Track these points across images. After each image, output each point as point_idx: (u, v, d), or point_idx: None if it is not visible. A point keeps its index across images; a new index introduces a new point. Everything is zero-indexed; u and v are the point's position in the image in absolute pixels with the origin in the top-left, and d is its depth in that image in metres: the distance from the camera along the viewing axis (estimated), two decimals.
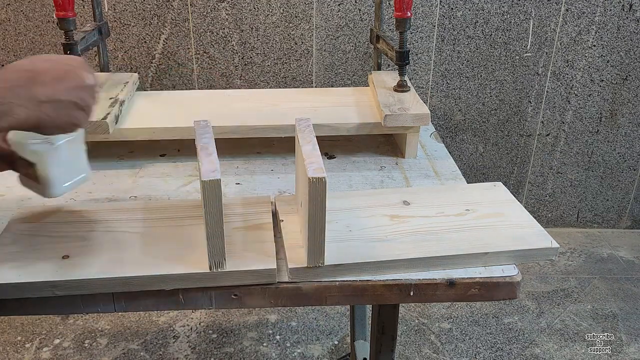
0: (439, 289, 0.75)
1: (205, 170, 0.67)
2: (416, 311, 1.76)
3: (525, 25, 1.83)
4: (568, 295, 1.84)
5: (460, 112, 1.95)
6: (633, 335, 1.67)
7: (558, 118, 1.98)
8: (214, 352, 1.59)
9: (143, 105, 1.13)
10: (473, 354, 1.61)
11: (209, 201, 0.66)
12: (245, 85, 1.86)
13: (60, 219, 0.82)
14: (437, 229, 0.81)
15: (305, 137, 0.76)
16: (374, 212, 0.85)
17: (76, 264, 0.72)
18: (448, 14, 1.81)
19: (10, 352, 1.57)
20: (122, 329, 1.67)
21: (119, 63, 1.81)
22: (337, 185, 0.99)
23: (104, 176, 1.01)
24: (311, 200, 0.68)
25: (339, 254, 0.75)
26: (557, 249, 0.79)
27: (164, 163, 1.06)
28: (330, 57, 1.84)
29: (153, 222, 0.81)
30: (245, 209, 0.84)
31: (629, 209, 2.15)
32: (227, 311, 1.73)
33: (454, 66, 1.88)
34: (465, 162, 2.03)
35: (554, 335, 1.67)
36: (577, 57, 1.89)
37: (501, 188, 0.93)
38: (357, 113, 1.10)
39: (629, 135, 2.01)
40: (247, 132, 1.05)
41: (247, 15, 1.76)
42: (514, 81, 1.91)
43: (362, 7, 1.78)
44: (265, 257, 0.73)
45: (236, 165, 1.05)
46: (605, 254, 2.04)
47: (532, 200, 2.13)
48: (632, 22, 1.84)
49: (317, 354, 1.59)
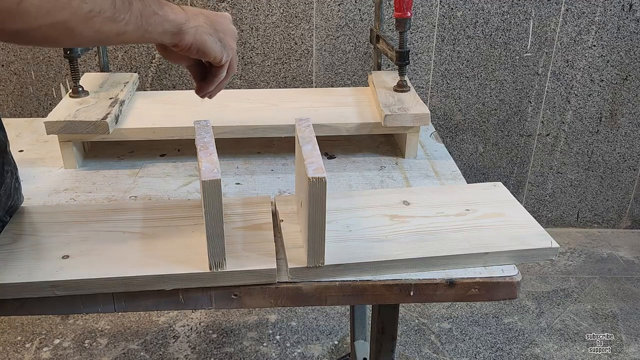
0: (439, 289, 0.75)
1: (205, 170, 0.67)
2: (416, 311, 1.76)
3: (525, 25, 1.83)
4: (568, 295, 1.84)
5: (460, 112, 1.95)
6: (633, 335, 1.67)
7: (558, 118, 1.98)
8: (214, 352, 1.59)
9: (143, 105, 1.13)
10: (473, 354, 1.61)
11: (209, 201, 0.66)
12: (245, 85, 1.86)
13: (60, 219, 0.82)
14: (437, 229, 0.81)
15: (305, 137, 0.76)
16: (374, 212, 0.85)
17: (76, 264, 0.72)
18: (448, 14, 1.81)
19: (10, 352, 1.57)
20: (122, 329, 1.67)
21: (119, 63, 1.81)
22: (337, 185, 0.99)
23: (104, 176, 1.01)
24: (311, 200, 0.68)
25: (339, 254, 0.75)
26: (557, 249, 0.79)
27: (164, 163, 1.06)
28: (330, 57, 1.84)
29: (153, 222, 0.81)
30: (245, 209, 0.84)
31: (629, 209, 2.15)
32: (227, 311, 1.73)
33: (454, 66, 1.88)
34: (465, 162, 2.03)
35: (554, 335, 1.67)
36: (577, 57, 1.89)
37: (501, 188, 0.93)
38: (357, 113, 1.10)
39: (629, 135, 2.01)
40: (247, 132, 1.05)
41: (247, 15, 1.76)
42: (514, 81, 1.91)
43: (362, 7, 1.78)
44: (265, 257, 0.73)
45: (236, 165, 1.05)
46: (605, 254, 2.04)
47: (532, 200, 2.13)
48: (632, 22, 1.84)
49: (317, 354, 1.59)
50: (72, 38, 0.57)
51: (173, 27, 0.66)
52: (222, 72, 0.77)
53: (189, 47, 0.69)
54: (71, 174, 1.01)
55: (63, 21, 0.54)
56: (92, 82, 1.16)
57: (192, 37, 0.69)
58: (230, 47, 0.75)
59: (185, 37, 0.68)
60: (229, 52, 0.75)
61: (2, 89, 1.83)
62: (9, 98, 1.85)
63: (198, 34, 0.69)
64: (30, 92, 1.84)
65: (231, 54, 0.76)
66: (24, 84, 1.83)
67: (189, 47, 0.69)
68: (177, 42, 0.68)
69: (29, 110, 1.87)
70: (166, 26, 0.65)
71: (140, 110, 1.11)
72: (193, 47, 0.70)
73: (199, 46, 0.70)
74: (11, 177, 0.80)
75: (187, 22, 0.68)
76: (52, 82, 1.83)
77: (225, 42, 0.74)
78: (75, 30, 0.56)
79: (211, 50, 0.71)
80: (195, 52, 0.71)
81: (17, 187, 0.83)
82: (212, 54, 0.72)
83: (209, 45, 0.71)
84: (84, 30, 0.57)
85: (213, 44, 0.71)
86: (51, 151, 1.08)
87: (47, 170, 1.02)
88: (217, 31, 0.72)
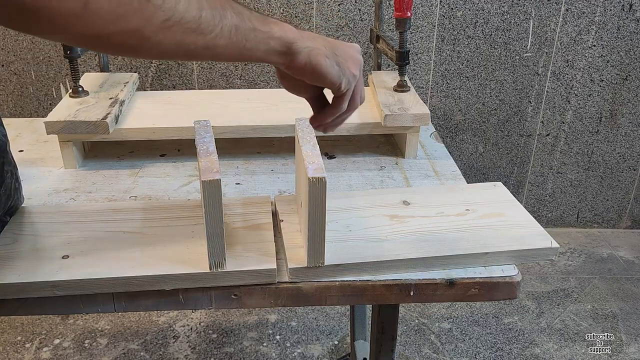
0: (439, 289, 0.75)
1: (205, 170, 0.67)
2: (416, 311, 1.76)
3: (525, 25, 1.83)
4: (568, 295, 1.84)
5: (460, 112, 1.95)
6: (633, 335, 1.67)
7: (558, 118, 1.98)
8: (214, 352, 1.59)
9: (143, 105, 1.13)
10: (473, 354, 1.61)
11: (209, 201, 0.66)
12: (245, 85, 1.86)
13: (60, 219, 0.82)
14: (437, 229, 0.81)
15: (305, 137, 0.76)
16: (374, 212, 0.85)
17: (76, 264, 0.72)
18: (448, 14, 1.81)
19: (10, 352, 1.57)
20: (122, 329, 1.67)
21: (119, 63, 1.81)
22: (337, 185, 0.99)
23: (104, 176, 1.01)
24: (311, 200, 0.68)
25: (339, 254, 0.75)
26: (557, 249, 0.79)
27: (164, 163, 1.06)
28: None
29: (153, 222, 0.81)
30: (245, 209, 0.84)
31: (629, 209, 2.15)
32: (227, 311, 1.73)
33: (454, 66, 1.88)
34: (465, 162, 2.03)
35: (554, 335, 1.67)
36: (577, 57, 1.89)
37: (501, 188, 0.93)
38: (357, 113, 1.09)
39: (629, 135, 2.01)
40: (247, 132, 1.05)
41: None
42: (514, 81, 1.91)
43: (362, 7, 1.78)
44: (265, 257, 0.73)
45: (236, 165, 1.05)
46: (605, 254, 2.04)
47: (532, 200, 2.13)
48: (632, 22, 1.84)
49: (317, 354, 1.59)
50: (151, 48, 0.53)
51: (281, 46, 0.62)
52: (342, 104, 0.71)
53: (302, 67, 0.64)
54: (71, 174, 1.01)
55: (135, 28, 0.51)
56: (92, 82, 1.16)
57: (306, 56, 0.63)
58: (351, 74, 0.69)
59: (297, 57, 0.63)
60: (349, 79, 0.69)
61: (2, 89, 1.83)
62: (9, 98, 1.85)
63: (312, 54, 0.64)
64: (30, 92, 1.84)
65: (352, 82, 0.70)
66: (24, 84, 1.83)
67: (303, 67, 0.64)
68: (289, 63, 0.64)
69: (29, 110, 1.87)
70: (272, 44, 0.61)
71: (140, 110, 1.11)
72: (307, 69, 0.64)
73: (313, 67, 0.64)
74: (11, 177, 0.80)
75: (299, 42, 0.63)
76: (52, 82, 1.83)
77: (344, 67, 0.68)
78: (152, 39, 0.52)
79: (327, 73, 0.66)
80: (309, 75, 0.65)
81: (18, 187, 0.83)
82: (328, 77, 0.66)
83: (324, 67, 0.65)
84: (163, 40, 0.53)
85: (329, 67, 0.65)
86: (51, 151, 1.08)
87: (47, 170, 1.02)
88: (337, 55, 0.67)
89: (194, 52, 0.56)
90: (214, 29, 0.56)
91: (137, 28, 0.51)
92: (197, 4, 0.54)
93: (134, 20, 0.50)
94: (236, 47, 0.59)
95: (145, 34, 0.51)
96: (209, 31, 0.55)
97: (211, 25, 0.55)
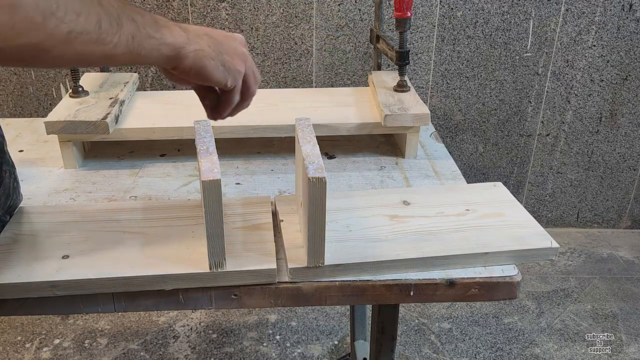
0: (439, 289, 0.75)
1: (205, 170, 0.67)
2: (416, 311, 1.76)
3: (525, 25, 1.83)
4: (568, 295, 1.84)
5: (460, 112, 1.95)
6: (633, 335, 1.67)
7: (558, 118, 1.98)
8: (214, 352, 1.59)
9: (143, 105, 1.13)
10: (473, 354, 1.61)
11: (209, 201, 0.66)
12: None
13: (60, 219, 0.82)
14: (437, 229, 0.81)
15: (305, 137, 0.76)
16: (374, 212, 0.85)
17: (76, 264, 0.72)
18: (448, 14, 1.81)
19: (10, 352, 1.57)
20: (122, 329, 1.67)
21: None
22: (337, 185, 0.99)
23: (104, 176, 1.01)
24: (311, 200, 0.68)
25: (339, 254, 0.75)
26: (557, 249, 0.79)
27: (164, 163, 1.06)
28: (330, 57, 1.84)
29: (153, 222, 0.81)
30: (245, 209, 0.84)
31: (629, 209, 2.15)
32: (227, 311, 1.73)
33: (454, 66, 1.88)
34: (465, 162, 2.03)
35: (554, 335, 1.67)
36: (577, 57, 1.89)
37: (501, 188, 0.93)
38: (357, 113, 1.10)
39: (629, 135, 2.01)
40: (247, 132, 1.05)
41: (247, 15, 1.76)
42: (514, 81, 1.91)
43: (362, 7, 1.78)
44: (265, 257, 0.73)
45: (236, 165, 1.05)
46: (605, 254, 2.04)
47: (532, 200, 2.13)
48: (632, 22, 1.84)
49: (317, 354, 1.59)
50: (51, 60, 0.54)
51: (170, 51, 0.63)
52: (233, 97, 0.74)
53: (188, 70, 0.66)
54: (71, 174, 1.01)
55: (37, 43, 0.50)
56: (92, 82, 1.16)
57: (192, 61, 0.65)
58: (237, 70, 0.71)
59: (183, 61, 0.64)
60: (235, 76, 0.71)
61: (2, 89, 1.83)
62: (9, 98, 1.85)
63: (198, 58, 0.65)
64: (30, 92, 1.84)
65: (239, 77, 0.72)
66: (24, 84, 1.83)
67: (188, 70, 0.66)
68: (176, 66, 0.65)
69: (29, 110, 1.87)
70: (163, 50, 0.62)
71: (140, 110, 1.11)
72: (192, 72, 0.66)
73: (198, 70, 0.66)
74: (9, 177, 0.80)
75: (187, 46, 0.64)
76: (52, 82, 1.83)
77: (230, 66, 0.69)
78: (52, 52, 0.52)
79: (212, 75, 0.68)
80: (195, 77, 0.67)
81: (16, 187, 0.83)
82: (213, 79, 0.68)
83: (209, 69, 0.67)
84: (64, 51, 0.53)
85: (214, 69, 0.67)
86: (51, 151, 1.08)
87: (47, 170, 1.02)
88: (221, 53, 0.68)
89: (93, 61, 0.58)
90: (113, 39, 0.56)
91: (38, 42, 0.50)
92: (95, 15, 0.54)
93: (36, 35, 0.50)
94: (132, 55, 0.60)
95: (46, 47, 0.52)
96: (108, 41, 0.56)
97: (110, 35, 0.56)
